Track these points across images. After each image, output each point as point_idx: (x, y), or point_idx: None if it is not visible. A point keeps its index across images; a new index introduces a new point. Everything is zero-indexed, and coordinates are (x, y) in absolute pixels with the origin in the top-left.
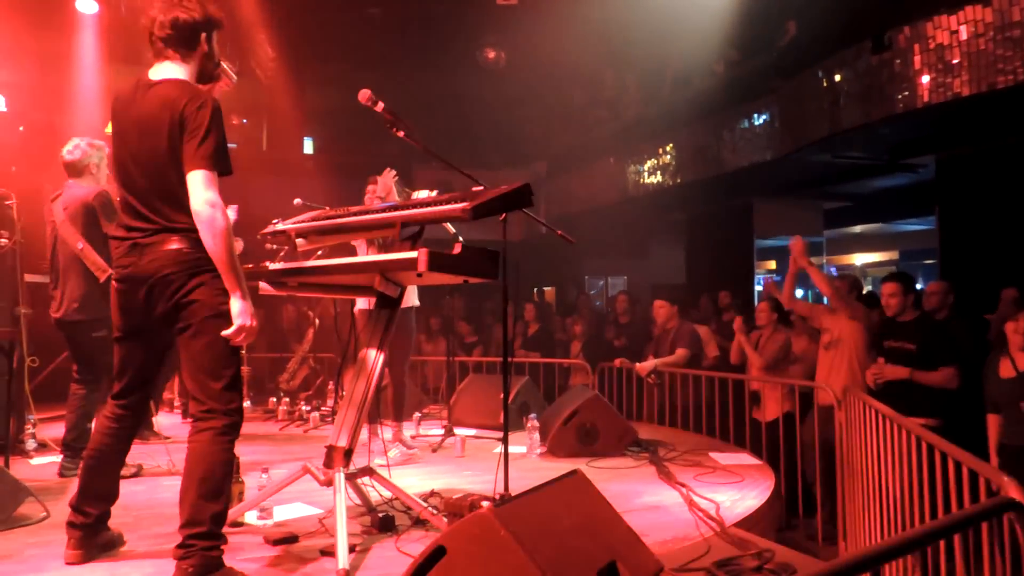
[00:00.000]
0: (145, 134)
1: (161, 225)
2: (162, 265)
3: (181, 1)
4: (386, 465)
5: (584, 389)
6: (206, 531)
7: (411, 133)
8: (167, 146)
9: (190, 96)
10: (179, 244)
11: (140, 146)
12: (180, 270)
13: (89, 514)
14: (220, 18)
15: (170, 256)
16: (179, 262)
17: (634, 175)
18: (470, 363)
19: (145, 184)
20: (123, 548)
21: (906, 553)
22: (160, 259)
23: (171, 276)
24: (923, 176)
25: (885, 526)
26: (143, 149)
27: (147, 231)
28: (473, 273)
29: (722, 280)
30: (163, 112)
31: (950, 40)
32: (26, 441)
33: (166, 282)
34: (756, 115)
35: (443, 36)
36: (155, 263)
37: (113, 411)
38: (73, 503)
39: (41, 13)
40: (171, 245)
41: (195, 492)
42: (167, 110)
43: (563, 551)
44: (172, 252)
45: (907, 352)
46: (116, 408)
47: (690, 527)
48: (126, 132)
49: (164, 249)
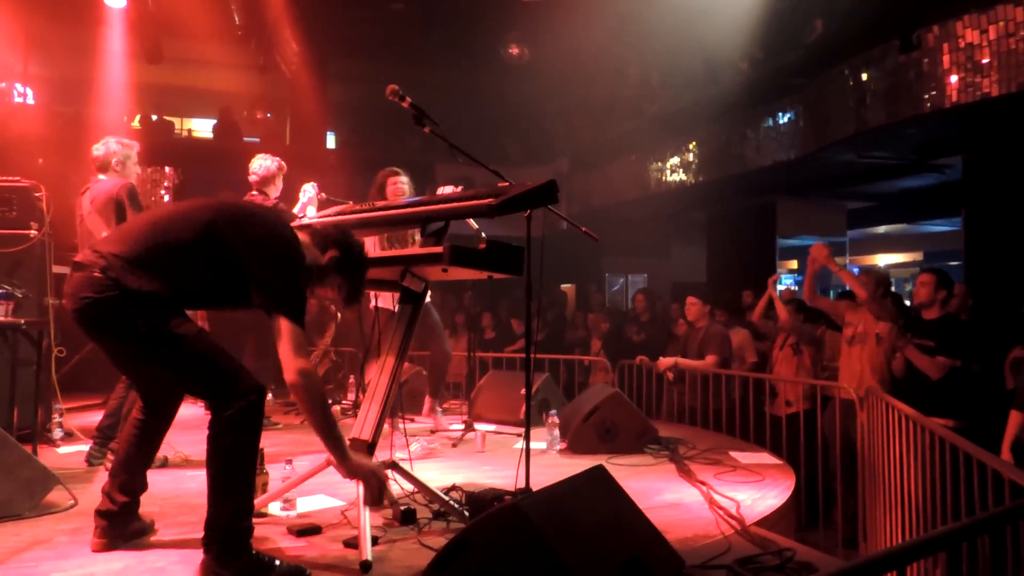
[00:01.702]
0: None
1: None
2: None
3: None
4: (408, 459)
5: (605, 386)
6: (221, 528)
7: (436, 128)
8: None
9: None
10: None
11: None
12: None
13: (116, 501)
14: None
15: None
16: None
17: (656, 173)
18: (489, 359)
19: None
20: (148, 540)
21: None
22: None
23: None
24: (950, 177)
25: (906, 528)
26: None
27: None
28: (497, 268)
29: (744, 279)
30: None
31: (980, 39)
32: (53, 430)
33: None
34: (781, 113)
35: (467, 32)
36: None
37: (141, 409)
38: (105, 488)
39: (69, 7)
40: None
41: (212, 489)
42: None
43: (587, 545)
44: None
45: (928, 349)
46: (143, 407)
47: (710, 525)
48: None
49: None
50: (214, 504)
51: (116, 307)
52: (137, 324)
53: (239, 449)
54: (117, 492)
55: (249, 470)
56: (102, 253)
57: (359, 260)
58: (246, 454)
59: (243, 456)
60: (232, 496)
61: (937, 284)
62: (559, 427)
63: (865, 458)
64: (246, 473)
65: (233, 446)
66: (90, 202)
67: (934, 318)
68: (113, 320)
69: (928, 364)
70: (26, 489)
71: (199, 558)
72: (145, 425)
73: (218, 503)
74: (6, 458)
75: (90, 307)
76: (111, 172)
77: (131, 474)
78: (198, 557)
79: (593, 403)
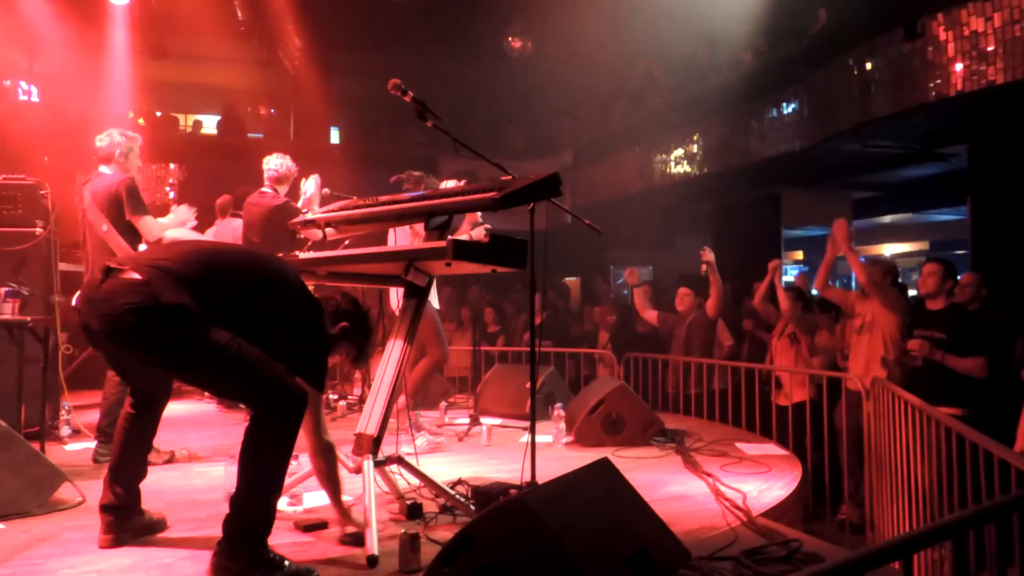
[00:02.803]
0: None
1: None
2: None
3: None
4: (414, 453)
5: (610, 379)
6: (243, 523)
7: (439, 122)
8: None
9: None
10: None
11: None
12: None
13: (118, 494)
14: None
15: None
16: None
17: (660, 165)
18: (495, 352)
19: None
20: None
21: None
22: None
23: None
24: (955, 165)
25: (914, 517)
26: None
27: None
28: (501, 262)
29: (749, 270)
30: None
31: (985, 27)
32: (61, 427)
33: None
34: (785, 104)
35: (469, 25)
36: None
37: (132, 404)
38: (106, 482)
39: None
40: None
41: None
42: None
43: (593, 538)
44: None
45: (937, 341)
46: (134, 402)
47: (717, 517)
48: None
49: None
50: (243, 497)
51: (157, 317)
52: (176, 334)
53: (278, 450)
54: (116, 484)
55: (282, 472)
56: (143, 263)
57: (367, 328)
58: (284, 455)
59: (281, 457)
60: (262, 494)
61: (944, 274)
62: (565, 420)
63: (872, 448)
64: (279, 474)
65: (273, 446)
66: (91, 195)
67: (940, 308)
68: (154, 330)
69: (971, 366)
70: (34, 486)
71: (207, 554)
72: (137, 418)
73: (247, 497)
74: (14, 456)
75: (129, 314)
76: (114, 164)
77: (129, 466)
78: (206, 554)
79: (599, 396)
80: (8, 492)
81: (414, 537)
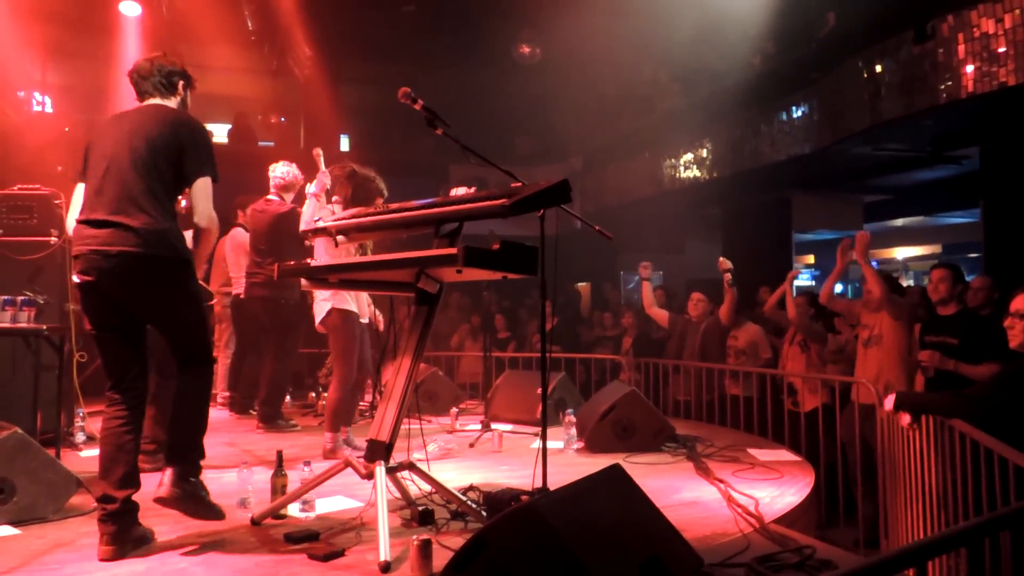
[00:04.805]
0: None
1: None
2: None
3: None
4: (425, 459)
5: (621, 385)
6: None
7: (448, 130)
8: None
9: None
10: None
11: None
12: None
13: (115, 499)
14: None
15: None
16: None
17: (670, 169)
18: (505, 359)
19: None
20: (160, 540)
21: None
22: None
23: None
24: (967, 168)
25: (928, 524)
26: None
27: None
28: (512, 269)
29: (760, 275)
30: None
31: (995, 28)
32: (75, 434)
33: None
34: (795, 108)
35: (478, 32)
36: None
37: (116, 402)
38: (99, 495)
39: (86, 17)
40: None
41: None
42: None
43: (604, 545)
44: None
45: (949, 347)
46: (119, 398)
47: (729, 523)
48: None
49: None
50: (191, 435)
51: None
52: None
53: (207, 399)
54: (114, 490)
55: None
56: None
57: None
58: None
59: (207, 405)
60: (201, 434)
61: (955, 279)
62: (576, 426)
63: (885, 454)
64: (206, 418)
65: (207, 397)
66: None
67: (951, 313)
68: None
69: (985, 373)
70: (50, 492)
71: (221, 559)
72: (124, 417)
73: (193, 436)
74: (30, 462)
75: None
76: None
77: (121, 465)
78: (220, 558)
79: (610, 401)
80: (24, 498)
81: (426, 543)
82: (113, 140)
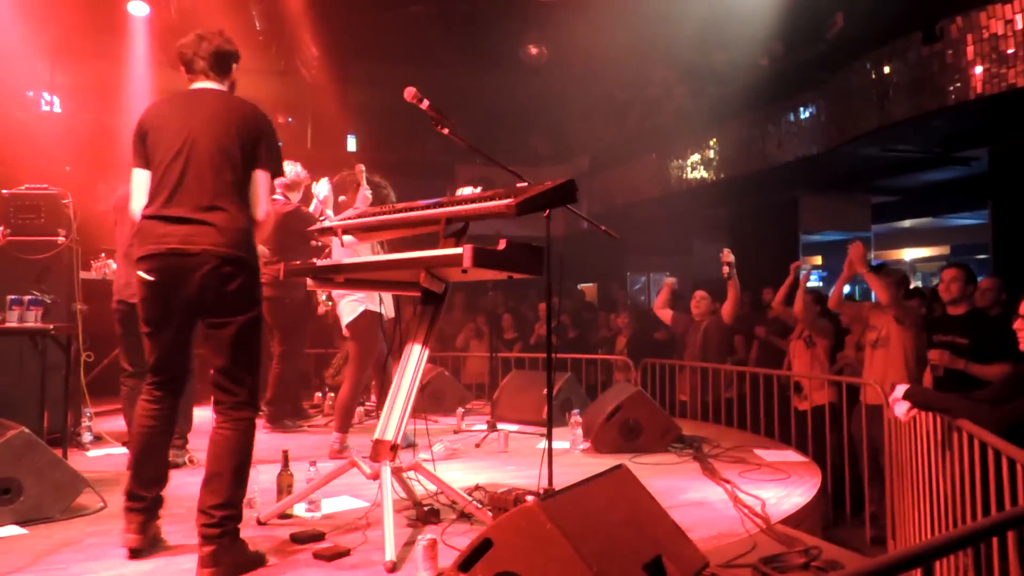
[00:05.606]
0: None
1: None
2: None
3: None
4: (431, 459)
5: (627, 385)
6: (238, 513)
7: (455, 130)
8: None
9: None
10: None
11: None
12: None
13: (144, 498)
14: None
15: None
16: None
17: (677, 170)
18: (512, 359)
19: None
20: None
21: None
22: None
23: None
24: (975, 169)
25: (936, 525)
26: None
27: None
28: (517, 269)
29: (767, 276)
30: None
31: (1004, 30)
32: (82, 434)
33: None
34: (803, 108)
35: (485, 33)
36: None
37: (155, 388)
38: (127, 490)
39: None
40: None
41: (232, 478)
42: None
43: (609, 545)
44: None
45: (959, 346)
46: (158, 384)
47: (735, 524)
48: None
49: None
50: (233, 490)
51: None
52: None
53: (250, 448)
54: (143, 486)
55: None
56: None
57: None
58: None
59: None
60: (242, 489)
61: (966, 279)
62: (582, 426)
63: (893, 455)
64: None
65: (250, 445)
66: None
67: (961, 313)
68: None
69: (996, 373)
70: (56, 492)
71: None
72: (161, 413)
73: (237, 490)
74: (37, 462)
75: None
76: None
77: (152, 464)
78: None
79: (616, 402)
80: (31, 498)
81: (432, 543)
82: (181, 127)
